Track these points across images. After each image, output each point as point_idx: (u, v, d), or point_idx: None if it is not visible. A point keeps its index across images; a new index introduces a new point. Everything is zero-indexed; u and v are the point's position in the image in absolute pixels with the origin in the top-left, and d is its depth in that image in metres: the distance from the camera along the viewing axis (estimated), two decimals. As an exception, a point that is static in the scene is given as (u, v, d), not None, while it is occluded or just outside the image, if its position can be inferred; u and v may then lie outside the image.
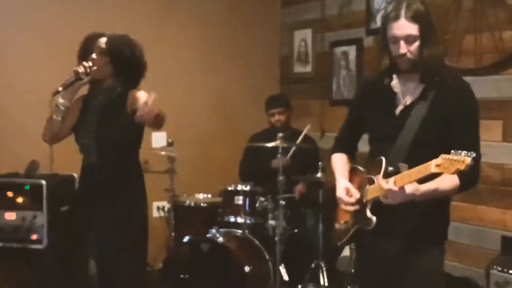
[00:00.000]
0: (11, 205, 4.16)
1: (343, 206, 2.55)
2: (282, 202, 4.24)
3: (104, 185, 3.11)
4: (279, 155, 4.29)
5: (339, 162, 2.72)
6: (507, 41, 3.70)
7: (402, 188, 2.25)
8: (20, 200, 4.18)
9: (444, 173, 2.13)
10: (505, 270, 3.36)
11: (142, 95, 2.95)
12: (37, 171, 4.34)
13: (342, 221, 2.63)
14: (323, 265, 4.33)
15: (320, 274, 4.32)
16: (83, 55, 3.18)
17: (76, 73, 3.07)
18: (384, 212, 2.41)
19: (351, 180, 2.60)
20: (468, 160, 2.07)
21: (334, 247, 4.41)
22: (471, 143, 2.30)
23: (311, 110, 5.38)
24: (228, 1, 5.49)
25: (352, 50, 4.95)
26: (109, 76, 3.14)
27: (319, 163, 4.38)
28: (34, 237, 4.14)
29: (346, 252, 4.27)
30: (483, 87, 3.75)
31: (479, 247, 3.92)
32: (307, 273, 4.40)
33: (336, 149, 2.79)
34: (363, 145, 2.72)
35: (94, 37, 3.19)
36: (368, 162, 2.57)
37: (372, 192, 2.45)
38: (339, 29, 5.07)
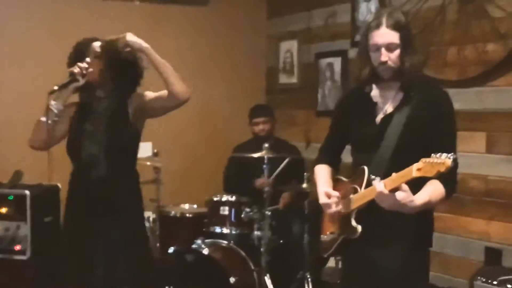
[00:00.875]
0: (-5, 216, 4.13)
1: (328, 210, 2.55)
2: (268, 213, 4.25)
3: (115, 199, 2.95)
4: (263, 174, 4.27)
5: (322, 173, 2.74)
6: (491, 53, 3.74)
7: (393, 193, 2.24)
8: (3, 210, 4.15)
9: (425, 176, 2.16)
10: (489, 281, 3.37)
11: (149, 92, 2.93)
12: (21, 181, 4.32)
13: (328, 232, 2.64)
14: (308, 276, 4.32)
15: (306, 285, 4.32)
16: (74, 61, 2.99)
17: (72, 73, 2.91)
18: (369, 221, 2.43)
19: (335, 190, 2.60)
20: (449, 161, 2.10)
21: (319, 258, 4.44)
22: (449, 149, 2.30)
23: (297, 121, 5.39)
24: (214, 13, 5.51)
25: (337, 62, 4.97)
26: (105, 81, 2.98)
27: (305, 173, 4.39)
28: (17, 247, 4.11)
29: (332, 262, 4.28)
30: (467, 99, 3.79)
31: (463, 257, 3.94)
32: (293, 284, 4.39)
33: (320, 160, 2.81)
34: (347, 156, 2.73)
35: (87, 42, 3.04)
36: (351, 172, 2.59)
37: (357, 201, 2.46)
38: (325, 40, 5.11)
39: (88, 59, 2.94)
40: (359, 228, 2.43)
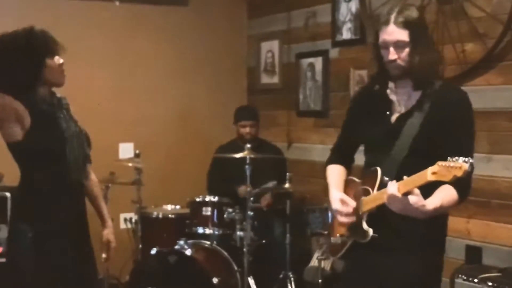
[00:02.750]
0: (-25, 218, 4.09)
1: (340, 218, 2.47)
2: (250, 213, 4.25)
3: (84, 206, 2.91)
4: (245, 180, 4.26)
5: (334, 174, 2.63)
6: (469, 53, 3.78)
7: (405, 196, 2.17)
8: (-16, 212, 4.11)
9: (441, 180, 2.09)
10: (470, 279, 3.40)
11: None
12: (1, 183, 4.28)
13: (337, 235, 2.54)
14: (291, 276, 4.34)
15: (289, 284, 4.33)
16: None
17: None
18: (379, 224, 2.34)
19: (346, 192, 2.52)
20: (466, 166, 2.03)
21: (301, 258, 4.46)
22: (464, 154, 2.19)
23: (278, 121, 5.41)
24: (195, 13, 5.50)
25: (318, 62, 4.99)
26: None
27: (287, 173, 4.40)
28: (-1, 249, 4.08)
29: (314, 262, 4.29)
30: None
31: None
32: (276, 284, 4.40)
33: (331, 160, 2.70)
34: (360, 157, 2.64)
35: None
36: (364, 173, 2.51)
37: (368, 203, 2.38)
38: (305, 40, 5.12)
39: None
40: (370, 231, 2.34)
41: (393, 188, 2.19)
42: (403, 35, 2.33)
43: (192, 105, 5.51)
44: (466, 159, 2.05)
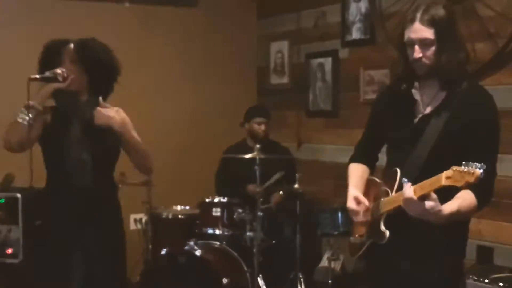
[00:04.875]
0: (-14, 219, 4.12)
1: (354, 217, 2.46)
2: (260, 214, 4.25)
3: (97, 204, 2.88)
4: (255, 179, 4.26)
5: (354, 173, 2.61)
6: (480, 52, 3.76)
7: (421, 200, 2.14)
8: (-6, 213, 4.14)
9: (454, 185, 2.07)
10: (481, 279, 3.39)
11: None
12: (12, 184, 4.30)
13: (356, 235, 2.52)
14: (301, 276, 4.34)
15: (299, 285, 4.33)
16: (47, 65, 2.85)
17: (55, 73, 2.79)
18: (399, 227, 2.31)
19: (367, 192, 2.51)
20: (478, 172, 2.01)
21: (311, 258, 4.45)
22: (487, 158, 2.18)
23: (288, 121, 5.40)
24: (205, 14, 5.51)
25: (328, 62, 4.98)
26: (84, 86, 2.89)
27: (296, 174, 4.40)
28: (9, 251, 4.09)
29: (324, 262, 4.28)
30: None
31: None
32: (286, 284, 4.40)
33: (354, 158, 2.68)
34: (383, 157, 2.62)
35: (58, 44, 2.90)
36: (384, 173, 2.48)
37: (386, 204, 2.35)
38: (315, 41, 5.12)
39: (64, 66, 2.84)
40: (387, 233, 2.31)
41: (409, 191, 2.16)
42: (428, 33, 2.30)
43: (201, 106, 5.51)
44: (480, 166, 2.02)
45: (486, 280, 3.37)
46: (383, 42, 4.33)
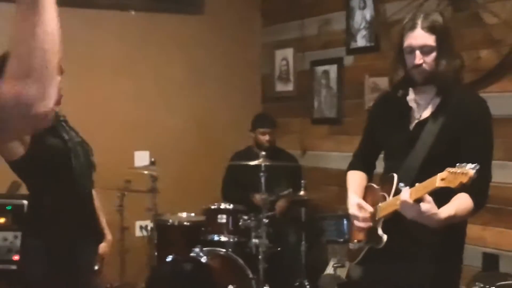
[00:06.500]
0: (-8, 226, 4.13)
1: (357, 223, 2.47)
2: (265, 220, 4.26)
3: (94, 214, 2.90)
4: (260, 188, 4.27)
5: (353, 180, 2.64)
6: (484, 60, 3.77)
7: (417, 203, 2.16)
8: (1, 220, 4.15)
9: (449, 187, 2.09)
10: (487, 286, 3.38)
11: None
12: (19, 191, 4.31)
13: (355, 240, 2.55)
14: (306, 283, 4.34)
15: (304, 292, 4.33)
16: None
17: None
18: (396, 231, 2.34)
19: (365, 198, 2.53)
20: (471, 172, 2.03)
21: (316, 265, 4.46)
22: (481, 161, 2.19)
23: (293, 128, 5.41)
24: (209, 21, 5.53)
25: (332, 69, 5.00)
26: None
27: (302, 181, 4.41)
28: (15, 257, 4.10)
29: (330, 269, 4.29)
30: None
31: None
32: (291, 291, 4.40)
33: (353, 166, 2.71)
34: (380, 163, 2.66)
35: None
36: (382, 179, 2.52)
37: (384, 209, 2.38)
38: (320, 48, 5.13)
39: None
40: (385, 237, 2.34)
41: (406, 194, 2.20)
42: (430, 39, 2.33)
43: (207, 113, 5.53)
44: (473, 166, 2.05)
45: (492, 287, 3.37)
46: (388, 49, 4.34)
